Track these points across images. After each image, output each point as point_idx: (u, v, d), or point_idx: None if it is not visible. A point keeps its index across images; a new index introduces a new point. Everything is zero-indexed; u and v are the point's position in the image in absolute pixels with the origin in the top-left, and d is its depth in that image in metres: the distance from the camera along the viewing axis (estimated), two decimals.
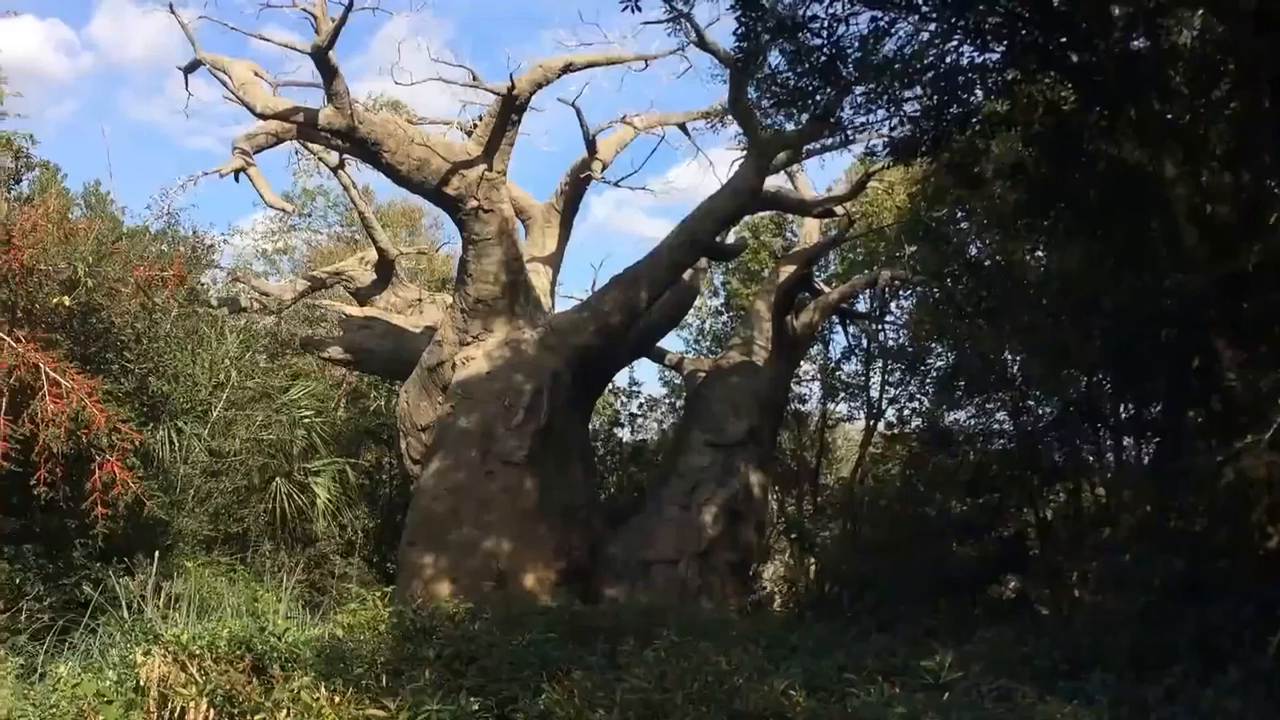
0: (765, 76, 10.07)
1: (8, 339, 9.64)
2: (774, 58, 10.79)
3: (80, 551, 11.72)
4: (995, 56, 10.12)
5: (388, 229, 21.15)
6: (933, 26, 9.50)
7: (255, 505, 15.38)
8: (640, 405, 24.49)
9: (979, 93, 10.22)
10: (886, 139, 10.38)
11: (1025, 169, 10.86)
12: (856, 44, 8.76)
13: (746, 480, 17.95)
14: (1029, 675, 7.54)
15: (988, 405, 17.57)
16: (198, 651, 6.86)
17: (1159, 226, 9.64)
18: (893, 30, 8.83)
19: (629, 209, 76.02)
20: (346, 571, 18.53)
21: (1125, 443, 15.48)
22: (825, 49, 8.79)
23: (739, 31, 9.11)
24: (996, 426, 17.89)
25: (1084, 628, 9.99)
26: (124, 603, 10.11)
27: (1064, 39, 9.88)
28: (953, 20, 9.07)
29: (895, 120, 9.97)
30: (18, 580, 11.07)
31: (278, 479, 15.87)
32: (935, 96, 9.82)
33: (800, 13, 8.58)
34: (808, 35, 8.77)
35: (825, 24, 8.66)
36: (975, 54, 9.96)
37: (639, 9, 9.09)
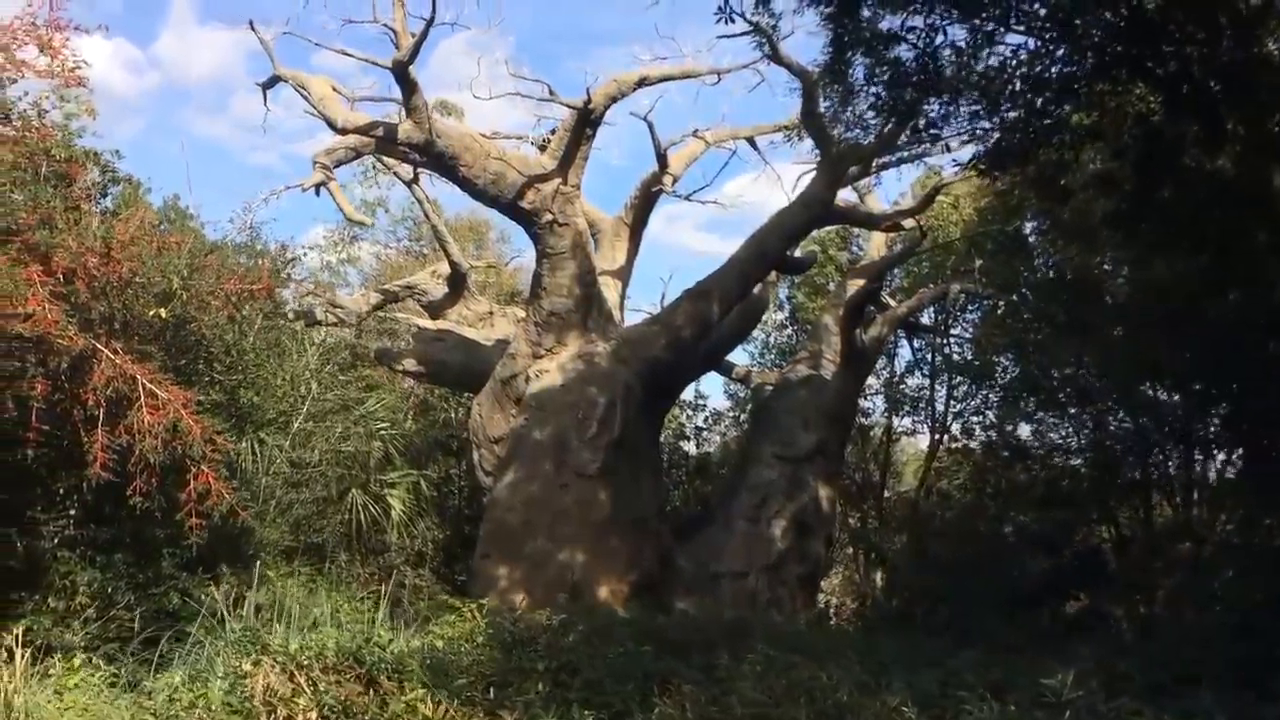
0: (858, 87, 10.01)
1: (105, 350, 9.81)
2: (858, 70, 10.75)
3: (169, 561, 11.87)
4: (1084, 68, 10.01)
5: (455, 243, 21.30)
6: (1023, 39, 9.41)
7: (333, 516, 15.54)
8: (705, 418, 24.52)
9: (1067, 105, 10.11)
10: (977, 151, 10.27)
11: (1114, 181, 10.72)
12: (951, 55, 8.72)
13: (815, 493, 17.88)
14: (1135, 692, 7.41)
15: (1062, 419, 17.34)
16: (305, 662, 6.93)
17: (1265, 239, 9.46)
18: (992, 41, 8.77)
19: (680, 223, 76.14)
20: (416, 583, 18.65)
21: (1199, 457, 15.26)
22: (920, 60, 8.77)
23: (830, 42, 9.10)
24: (1071, 440, 17.66)
25: (1176, 643, 9.83)
26: (219, 612, 10.24)
27: (1155, 49, 9.76)
28: (1047, 32, 8.98)
29: (989, 132, 9.88)
30: (109, 589, 11.22)
31: (354, 490, 16.02)
32: (1024, 108, 9.73)
33: (898, 23, 8.54)
34: (903, 46, 8.75)
35: (923, 34, 8.62)
36: (1065, 65, 9.86)
37: (732, 20, 9.08)
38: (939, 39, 8.72)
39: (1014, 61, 9.11)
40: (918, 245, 18.96)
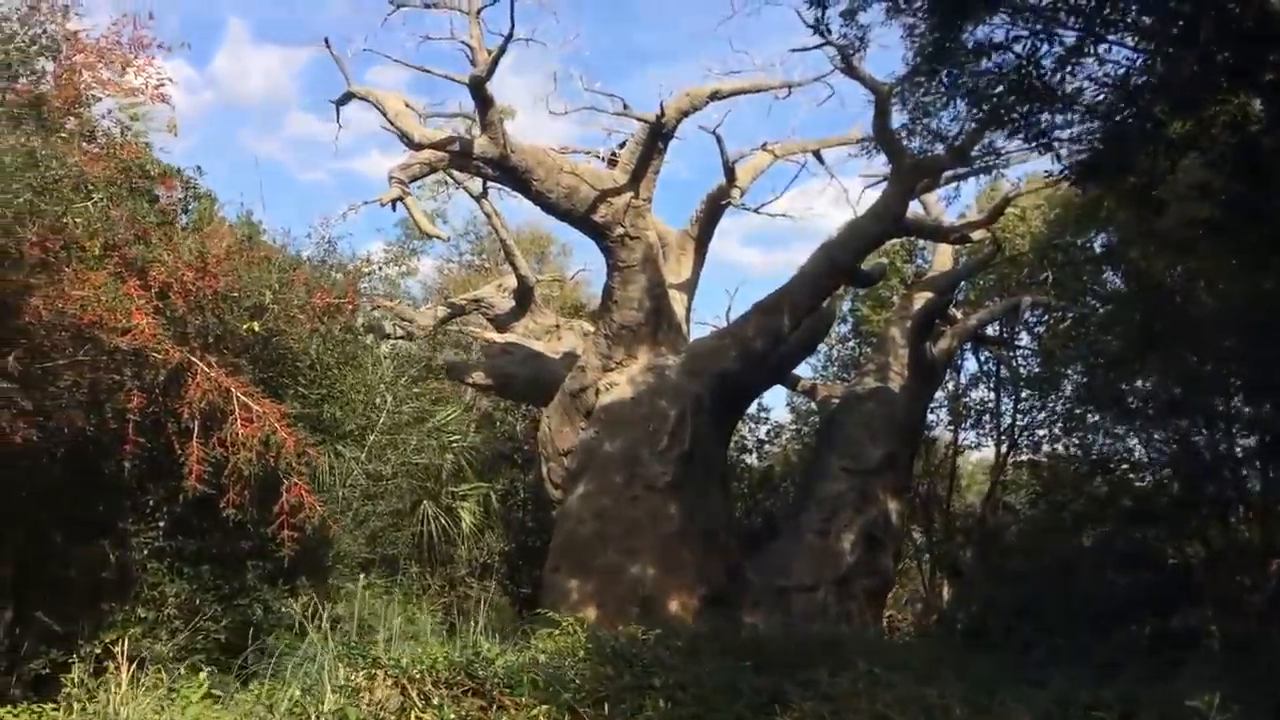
0: (957, 95, 9.89)
1: (200, 363, 9.89)
2: (947, 79, 10.64)
3: (253, 573, 11.94)
4: (1184, 76, 9.84)
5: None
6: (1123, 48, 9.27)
7: (405, 528, 15.60)
8: (767, 431, 24.39)
9: (1166, 113, 9.95)
10: (1073, 160, 10.11)
11: (1212, 190, 10.53)
12: (1054, 63, 8.59)
13: (885, 507, 17.70)
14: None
15: (1140, 432, 17.05)
16: (417, 676, 6.91)
17: None
18: (1095, 50, 8.65)
19: (726, 238, 76.00)
20: (481, 595, 18.67)
21: None
22: (1023, 69, 8.66)
23: (920, 51, 9.01)
24: (1152, 454, 17.36)
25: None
26: (308, 624, 10.27)
27: (1256, 57, 9.59)
28: (1148, 40, 8.85)
29: (1086, 140, 9.73)
30: (197, 600, 11.31)
31: (425, 502, 16.08)
32: (1123, 116, 9.59)
33: (1003, 33, 8.45)
34: (1008, 55, 8.65)
35: (1029, 42, 8.53)
36: (1165, 74, 9.70)
37: (824, 34, 9.02)
38: (1044, 48, 8.62)
39: (1115, 70, 8.98)
40: (992, 257, 18.75)
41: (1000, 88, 8.94)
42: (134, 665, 10.62)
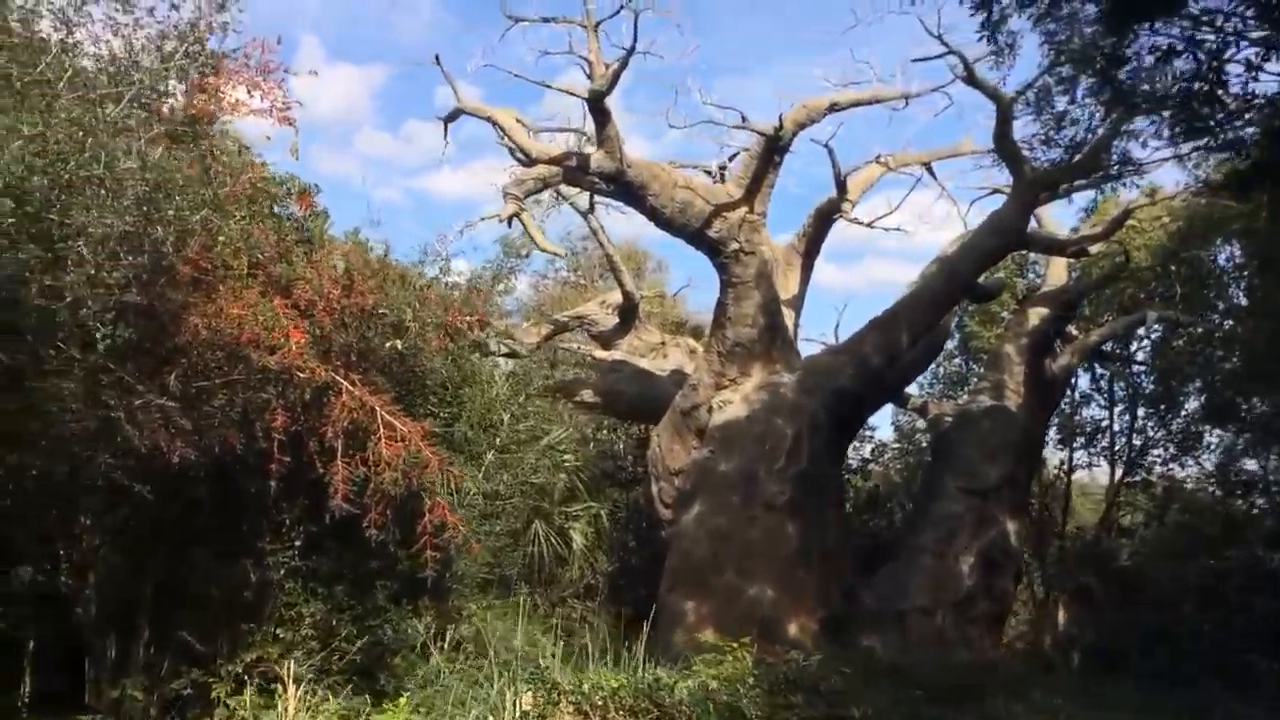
0: (1138, 102, 9.50)
1: (344, 382, 9.80)
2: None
3: (382, 594, 11.82)
4: None
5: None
6: None
7: (520, 548, 15.44)
8: (872, 450, 23.86)
9: None
10: (1230, 169, 9.68)
11: None
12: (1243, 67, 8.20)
13: (1004, 528, 17.22)
14: None
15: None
16: (599, 702, 6.70)
17: None
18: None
19: None
20: (585, 616, 18.46)
21: None
22: (1204, 74, 8.27)
23: (1114, 56, 8.66)
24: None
25: None
26: (445, 645, 10.13)
27: None
28: None
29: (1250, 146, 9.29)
30: (332, 620, 11.20)
31: (536, 522, 15.91)
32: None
33: (1189, 37, 8.08)
34: (1187, 58, 8.27)
35: (1215, 47, 8.15)
36: None
37: (995, 39, 8.72)
38: (1229, 51, 8.22)
39: None
40: (1120, 271, 18.16)
41: (1178, 91, 8.54)
42: (273, 685, 10.63)
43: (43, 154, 6.16)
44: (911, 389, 22.08)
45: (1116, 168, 14.01)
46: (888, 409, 22.47)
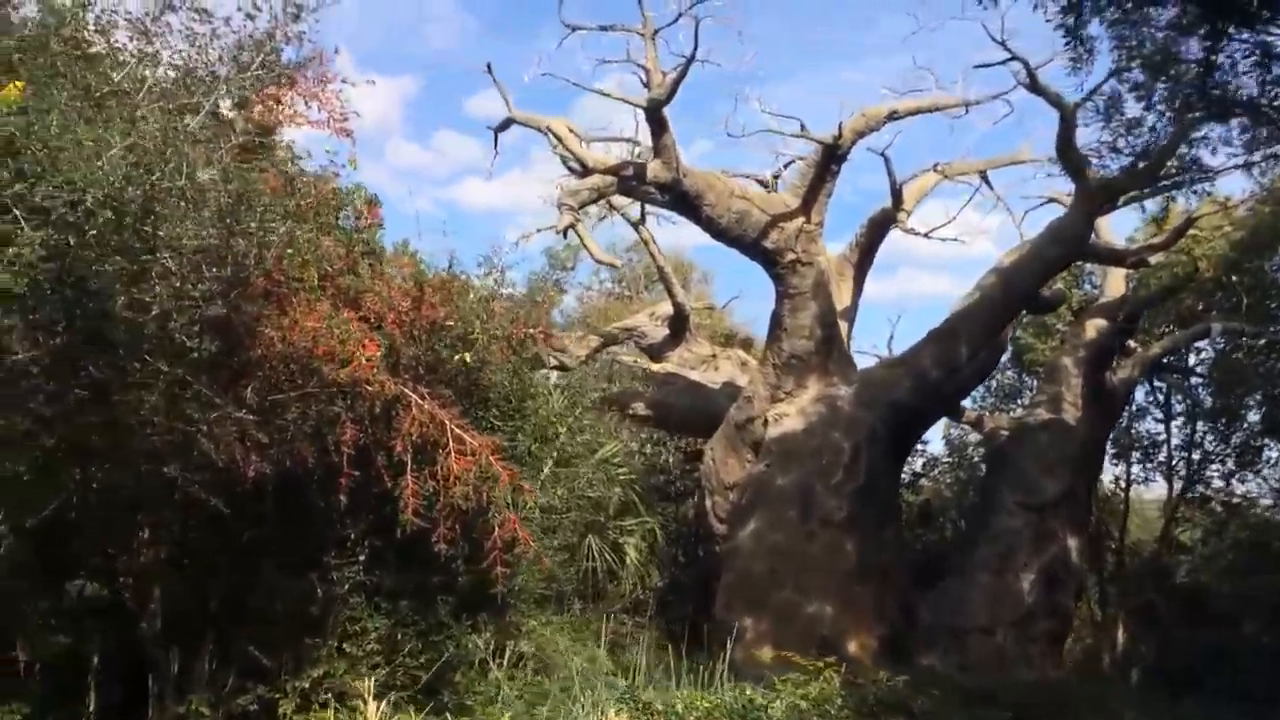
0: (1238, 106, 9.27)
1: (414, 395, 9.67)
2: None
3: (444, 609, 11.68)
4: None
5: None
6: None
7: (575, 563, 15.27)
8: (924, 464, 23.50)
9: None
10: None
11: None
12: None
13: (1064, 544, 16.88)
14: None
15: None
16: None
17: None
18: None
19: None
20: (633, 631, 18.24)
21: None
22: None
23: (1205, 60, 8.44)
24: None
25: None
26: (504, 661, 9.96)
27: None
28: None
29: None
30: (398, 636, 11.08)
31: (590, 536, 15.74)
32: None
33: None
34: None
35: None
36: None
37: (1082, 43, 8.50)
38: None
39: None
40: (1188, 281, 17.80)
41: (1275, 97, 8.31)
42: (337, 701, 10.52)
43: (137, 165, 6.07)
44: (965, 402, 21.77)
45: (1186, 174, 13.70)
46: (939, 422, 22.11)
